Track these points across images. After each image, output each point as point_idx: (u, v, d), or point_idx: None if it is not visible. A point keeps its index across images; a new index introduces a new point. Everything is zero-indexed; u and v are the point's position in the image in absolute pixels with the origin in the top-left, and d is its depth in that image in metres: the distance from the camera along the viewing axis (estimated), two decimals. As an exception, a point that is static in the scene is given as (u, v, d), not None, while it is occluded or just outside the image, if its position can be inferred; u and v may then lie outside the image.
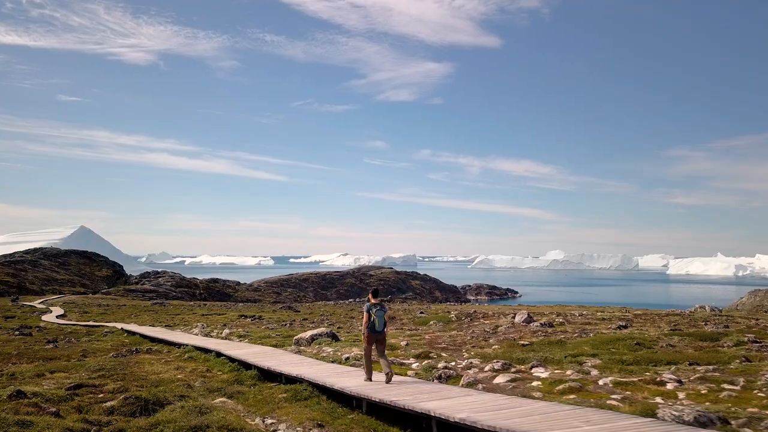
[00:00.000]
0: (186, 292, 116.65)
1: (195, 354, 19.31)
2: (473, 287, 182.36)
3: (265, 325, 35.83)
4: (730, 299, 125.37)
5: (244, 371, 15.39)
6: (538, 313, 30.37)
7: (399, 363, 15.55)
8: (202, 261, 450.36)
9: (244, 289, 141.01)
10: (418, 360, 16.02)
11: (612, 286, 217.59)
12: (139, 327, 31.12)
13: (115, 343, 24.83)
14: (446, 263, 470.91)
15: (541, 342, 17.76)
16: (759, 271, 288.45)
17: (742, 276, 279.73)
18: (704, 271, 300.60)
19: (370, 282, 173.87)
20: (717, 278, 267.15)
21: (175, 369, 16.23)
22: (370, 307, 12.04)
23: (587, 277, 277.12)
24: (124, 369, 16.18)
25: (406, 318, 33.13)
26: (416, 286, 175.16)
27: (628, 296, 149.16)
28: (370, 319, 11.81)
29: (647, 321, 23.95)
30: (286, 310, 63.51)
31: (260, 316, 49.83)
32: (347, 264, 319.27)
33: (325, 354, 17.34)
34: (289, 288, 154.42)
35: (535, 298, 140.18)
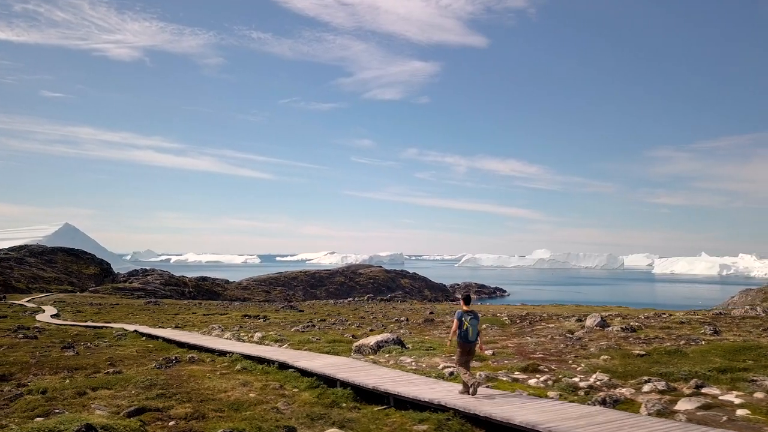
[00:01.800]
0: (175, 290, 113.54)
1: (247, 364, 16.71)
2: (462, 286, 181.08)
3: (282, 326, 33.33)
4: (717, 298, 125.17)
5: (327, 388, 12.89)
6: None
7: (511, 378, 13.19)
8: (187, 259, 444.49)
9: (233, 288, 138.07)
10: (529, 374, 13.67)
11: (599, 285, 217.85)
12: (157, 330, 28.38)
13: (140, 349, 22.13)
14: (433, 262, 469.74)
15: (655, 351, 15.53)
16: (742, 270, 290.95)
17: (726, 275, 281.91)
18: (689, 270, 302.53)
19: (360, 281, 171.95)
20: (702, 277, 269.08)
21: (241, 385, 13.65)
22: (461, 314, 11.04)
23: (573, 276, 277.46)
24: (181, 385, 13.58)
25: (451, 320, 30.72)
26: (406, 284, 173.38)
27: (615, 295, 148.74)
28: (462, 327, 10.90)
29: (731, 325, 21.87)
30: (289, 309, 61.21)
31: (265, 317, 47.54)
32: (334, 263, 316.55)
33: (413, 366, 14.93)
34: (278, 287, 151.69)
35: (523, 297, 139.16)
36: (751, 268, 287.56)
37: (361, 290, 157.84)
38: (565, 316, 27.27)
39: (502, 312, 37.05)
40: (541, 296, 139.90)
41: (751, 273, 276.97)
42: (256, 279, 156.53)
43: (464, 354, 11.05)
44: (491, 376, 13.09)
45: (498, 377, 13.08)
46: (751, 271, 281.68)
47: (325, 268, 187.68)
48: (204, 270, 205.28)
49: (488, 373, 13.47)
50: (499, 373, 13.61)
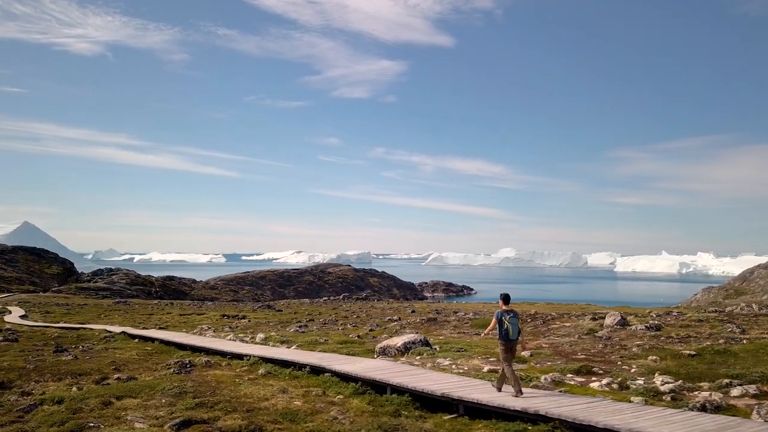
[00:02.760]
0: (141, 290, 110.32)
1: (269, 368, 15.59)
2: (430, 284, 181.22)
3: (273, 326, 32.14)
4: (677, 296, 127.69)
5: (376, 395, 11.90)
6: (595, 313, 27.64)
7: (575, 381, 12.40)
8: (151, 258, 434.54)
9: (201, 287, 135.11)
10: (585, 376, 12.92)
11: (564, 283, 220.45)
12: (148, 331, 26.87)
13: (140, 352, 20.75)
14: (400, 260, 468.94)
15: (703, 351, 14.98)
16: (701, 268, 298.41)
17: (686, 273, 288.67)
18: (650, 268, 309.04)
19: (329, 280, 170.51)
20: (662, 275, 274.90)
21: (280, 392, 12.53)
22: (501, 314, 10.98)
23: (538, 274, 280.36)
24: (215, 393, 12.41)
25: (453, 318, 29.92)
26: (374, 283, 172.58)
27: (579, 293, 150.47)
28: (503, 326, 10.81)
29: (751, 323, 21.60)
30: (266, 309, 59.95)
31: (245, 316, 46.46)
32: (301, 261, 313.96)
33: (455, 369, 14.05)
34: (246, 286, 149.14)
35: (490, 295, 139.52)
36: (709, 266, 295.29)
37: (330, 289, 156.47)
38: (576, 315, 26.76)
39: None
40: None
41: (710, 271, 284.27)
42: (224, 278, 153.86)
43: (506, 352, 10.86)
44: (557, 380, 12.30)
45: (565, 381, 12.29)
46: (709, 269, 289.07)
47: (293, 268, 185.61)
48: (168, 269, 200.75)
49: (553, 375, 12.67)
50: (552, 375, 12.81)
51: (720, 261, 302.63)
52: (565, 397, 10.16)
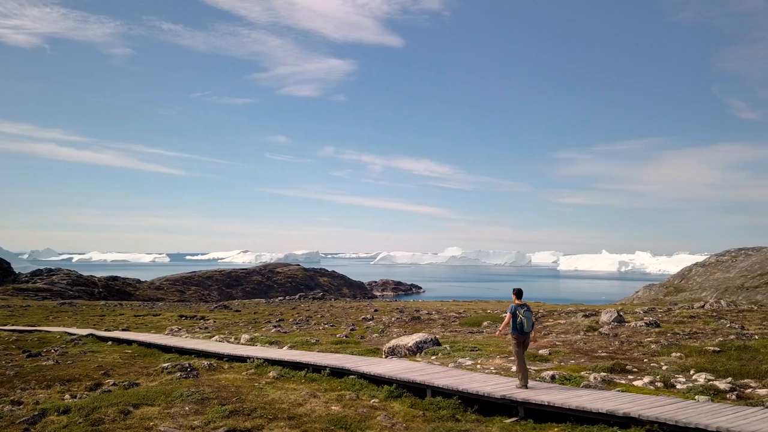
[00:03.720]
0: (84, 291, 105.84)
1: (281, 371, 14.67)
2: (379, 283, 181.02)
3: (243, 326, 30.99)
4: (618, 293, 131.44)
5: (416, 397, 11.22)
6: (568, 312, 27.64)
7: (610, 379, 11.98)
8: (91, 258, 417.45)
9: (146, 288, 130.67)
10: (619, 374, 12.55)
11: (508, 281, 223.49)
12: (120, 333, 25.32)
13: (122, 355, 19.45)
14: (349, 260, 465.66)
15: (725, 347, 14.90)
16: (639, 266, 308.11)
17: (625, 271, 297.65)
18: (591, 267, 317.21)
19: (278, 280, 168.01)
20: (603, 274, 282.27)
21: (310, 396, 11.65)
22: (515, 308, 11.13)
23: (484, 272, 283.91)
24: (240, 399, 11.42)
25: (438, 317, 29.34)
26: (324, 283, 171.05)
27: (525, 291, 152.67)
28: (517, 320, 10.94)
29: (740, 318, 21.92)
30: (223, 309, 58.46)
31: (203, 317, 45.19)
32: (248, 261, 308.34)
33: (479, 369, 13.48)
34: (192, 286, 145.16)
35: (438, 294, 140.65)
36: (646, 265, 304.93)
37: (279, 289, 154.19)
38: (565, 312, 26.69)
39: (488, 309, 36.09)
40: (454, 292, 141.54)
41: (647, 269, 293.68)
42: (169, 278, 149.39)
43: (519, 345, 11.03)
44: (607, 379, 11.87)
45: (615, 380, 11.88)
46: (646, 268, 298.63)
47: (241, 268, 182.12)
48: (110, 269, 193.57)
49: (603, 375, 12.20)
50: (601, 375, 12.35)
51: (657, 260, 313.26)
52: (635, 396, 9.60)
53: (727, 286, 78.36)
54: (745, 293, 66.87)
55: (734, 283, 77.91)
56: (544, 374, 12.04)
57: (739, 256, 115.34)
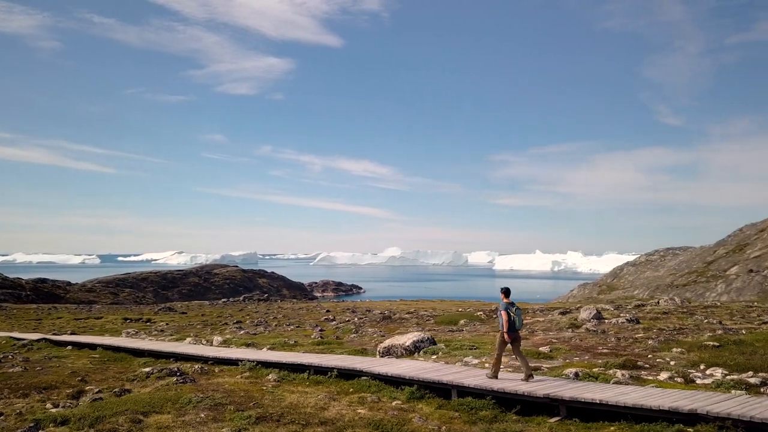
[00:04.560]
0: (10, 294, 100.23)
1: (281, 373, 13.97)
2: (320, 284, 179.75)
3: (201, 329, 29.90)
4: (551, 292, 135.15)
5: (441, 398, 10.79)
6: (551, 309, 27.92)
7: (636, 375, 11.89)
8: (15, 260, 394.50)
9: (77, 290, 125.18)
10: (631, 370, 12.49)
11: (446, 281, 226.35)
12: (77, 337, 23.82)
13: (92, 360, 18.23)
14: (288, 261, 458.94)
15: (722, 342, 15.15)
16: (571, 266, 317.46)
17: (557, 271, 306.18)
18: (526, 266, 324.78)
19: (215, 281, 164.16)
20: (537, 273, 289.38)
21: (329, 399, 11.02)
22: (507, 306, 11.29)
23: (422, 272, 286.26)
24: (259, 403, 10.67)
25: (409, 317, 28.93)
26: (264, 284, 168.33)
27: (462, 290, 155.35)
28: (511, 318, 11.10)
29: (709, 315, 22.55)
30: (168, 312, 56.85)
31: (149, 319, 43.82)
32: (183, 263, 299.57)
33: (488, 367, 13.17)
34: (126, 288, 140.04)
35: (378, 294, 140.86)
36: (578, 264, 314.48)
37: (217, 291, 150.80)
38: (540, 310, 26.82)
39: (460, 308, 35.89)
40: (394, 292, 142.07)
41: (578, 269, 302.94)
42: (102, 280, 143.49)
43: (511, 342, 11.19)
44: (634, 375, 11.75)
45: (641, 376, 11.78)
46: (578, 267, 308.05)
47: (176, 269, 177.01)
48: (36, 271, 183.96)
49: (626, 372, 12.06)
50: (629, 372, 12.23)
51: (587, 259, 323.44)
52: (689, 393, 9.37)
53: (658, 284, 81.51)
54: (676, 291, 69.60)
55: (664, 282, 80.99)
56: (566, 371, 11.82)
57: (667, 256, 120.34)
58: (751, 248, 77.65)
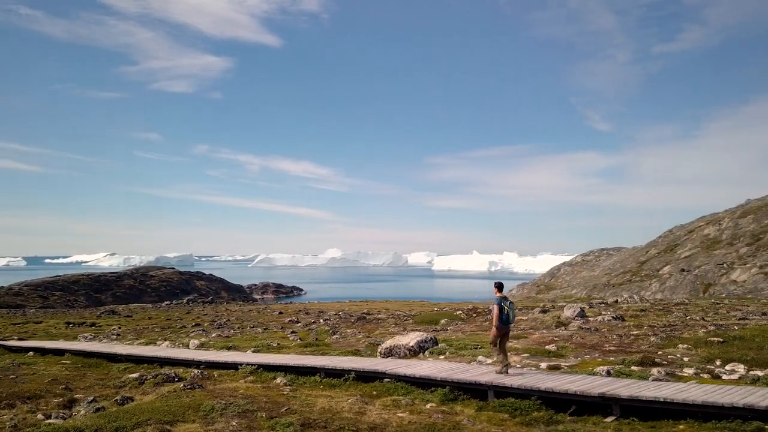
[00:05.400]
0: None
1: (290, 377, 13.26)
2: (259, 286, 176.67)
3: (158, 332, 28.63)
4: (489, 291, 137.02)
5: (480, 401, 10.36)
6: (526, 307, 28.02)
7: (672, 372, 11.79)
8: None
9: (3, 294, 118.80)
10: (648, 367, 12.43)
11: (387, 281, 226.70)
12: (45, 342, 22.21)
13: (68, 367, 16.96)
14: (225, 262, 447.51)
15: (725, 337, 15.37)
16: (507, 266, 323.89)
17: (494, 271, 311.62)
18: (464, 267, 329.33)
19: (151, 284, 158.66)
20: (474, 273, 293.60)
21: (362, 403, 10.39)
22: (500, 300, 11.61)
23: (363, 273, 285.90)
24: (291, 409, 9.97)
25: (384, 317, 28.40)
26: (201, 286, 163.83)
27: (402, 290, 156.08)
28: (503, 311, 11.43)
29: (684, 312, 23.06)
30: (111, 315, 54.62)
31: (93, 323, 42.27)
32: (115, 265, 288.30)
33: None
34: (56, 291, 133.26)
35: (319, 295, 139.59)
36: (514, 265, 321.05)
37: (153, 294, 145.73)
38: (519, 309, 26.75)
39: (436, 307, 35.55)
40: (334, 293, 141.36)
41: (514, 269, 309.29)
42: (30, 283, 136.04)
43: (501, 334, 11.53)
44: (670, 372, 11.63)
45: (676, 372, 11.67)
46: (514, 267, 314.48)
47: (110, 271, 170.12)
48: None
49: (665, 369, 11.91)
50: (665, 369, 12.14)
51: (523, 260, 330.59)
52: (747, 389, 9.20)
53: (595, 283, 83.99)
54: (612, 290, 71.85)
55: (600, 281, 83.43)
56: (597, 369, 11.60)
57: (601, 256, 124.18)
58: (681, 248, 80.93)
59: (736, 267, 60.56)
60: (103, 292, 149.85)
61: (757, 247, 63.85)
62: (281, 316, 42.98)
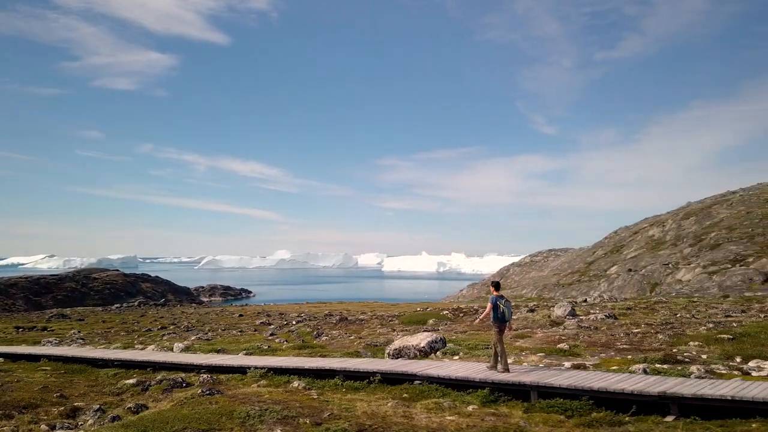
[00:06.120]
0: None
1: (308, 381, 12.63)
2: (207, 288, 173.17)
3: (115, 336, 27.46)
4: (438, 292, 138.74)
5: (523, 402, 10.03)
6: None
7: (712, 369, 11.72)
8: None
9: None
10: (672, 364, 12.36)
11: (337, 283, 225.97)
12: (12, 347, 20.77)
13: (48, 373, 15.87)
14: (171, 264, 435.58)
15: (731, 334, 15.50)
16: (455, 267, 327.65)
17: (443, 272, 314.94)
18: (413, 267, 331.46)
19: (95, 286, 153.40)
20: (423, 274, 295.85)
21: (402, 406, 9.92)
22: (496, 298, 11.84)
23: (313, 275, 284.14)
24: (337, 416, 9.34)
25: (367, 317, 27.82)
26: (147, 289, 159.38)
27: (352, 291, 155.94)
28: (499, 309, 11.69)
29: (670, 307, 23.37)
30: (63, 319, 52.60)
31: (45, 327, 40.38)
32: (55, 267, 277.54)
33: (528, 365, 12.59)
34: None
35: (269, 297, 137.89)
36: (461, 265, 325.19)
37: (96, 297, 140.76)
38: None
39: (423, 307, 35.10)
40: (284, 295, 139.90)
41: (462, 269, 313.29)
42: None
43: (500, 333, 11.70)
44: (708, 369, 11.52)
45: (715, 370, 11.58)
46: (462, 268, 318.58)
47: (50, 274, 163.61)
48: None
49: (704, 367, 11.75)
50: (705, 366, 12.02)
51: (470, 260, 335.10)
52: None
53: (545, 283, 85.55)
54: (562, 290, 73.34)
55: (550, 281, 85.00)
56: (633, 368, 11.41)
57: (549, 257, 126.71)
58: (627, 249, 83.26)
59: (681, 267, 62.61)
60: (43, 296, 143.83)
61: (700, 247, 66.23)
62: (242, 318, 42.09)
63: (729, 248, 60.91)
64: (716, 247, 62.85)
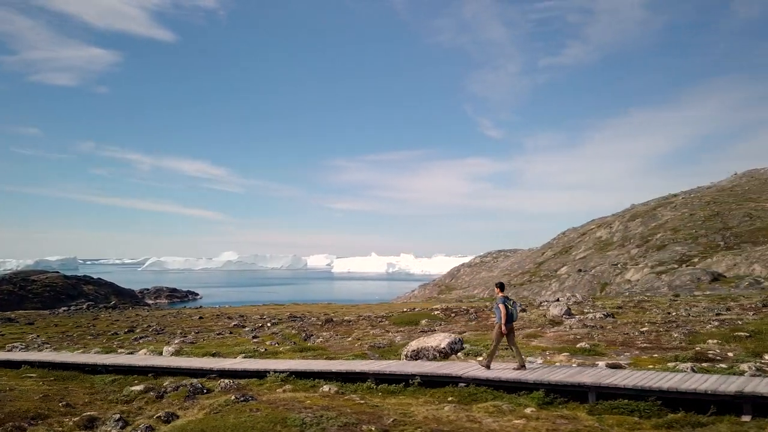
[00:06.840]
0: None
1: (338, 385, 11.97)
2: (152, 291, 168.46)
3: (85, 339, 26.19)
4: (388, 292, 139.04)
5: (579, 404, 9.68)
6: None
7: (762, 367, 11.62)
8: None
9: None
10: (703, 362, 12.27)
11: (286, 284, 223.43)
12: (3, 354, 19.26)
13: (38, 381, 14.67)
14: (113, 266, 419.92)
15: (746, 331, 15.62)
16: (404, 267, 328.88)
17: (392, 272, 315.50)
18: (363, 268, 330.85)
19: (33, 289, 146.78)
20: (373, 274, 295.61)
21: (461, 411, 9.38)
22: (504, 300, 11.95)
23: (261, 277, 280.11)
24: (403, 421, 8.78)
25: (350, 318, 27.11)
26: (90, 291, 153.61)
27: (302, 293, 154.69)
28: (508, 310, 11.77)
29: (661, 305, 23.58)
30: (10, 323, 49.78)
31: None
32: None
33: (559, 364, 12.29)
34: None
35: (216, 300, 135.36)
36: (411, 266, 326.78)
37: (35, 300, 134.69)
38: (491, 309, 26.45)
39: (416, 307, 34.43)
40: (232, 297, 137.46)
41: (411, 270, 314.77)
42: None
43: (509, 333, 11.85)
44: (758, 367, 11.40)
45: (763, 368, 11.46)
46: (411, 269, 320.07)
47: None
48: None
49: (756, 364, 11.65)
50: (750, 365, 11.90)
51: (419, 261, 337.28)
52: None
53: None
54: (513, 290, 74.29)
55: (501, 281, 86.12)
56: (680, 367, 11.22)
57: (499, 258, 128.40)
58: (576, 250, 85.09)
59: (629, 267, 64.30)
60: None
61: (647, 248, 68.23)
62: (203, 321, 40.85)
63: (675, 249, 62.92)
64: (662, 248, 64.83)
